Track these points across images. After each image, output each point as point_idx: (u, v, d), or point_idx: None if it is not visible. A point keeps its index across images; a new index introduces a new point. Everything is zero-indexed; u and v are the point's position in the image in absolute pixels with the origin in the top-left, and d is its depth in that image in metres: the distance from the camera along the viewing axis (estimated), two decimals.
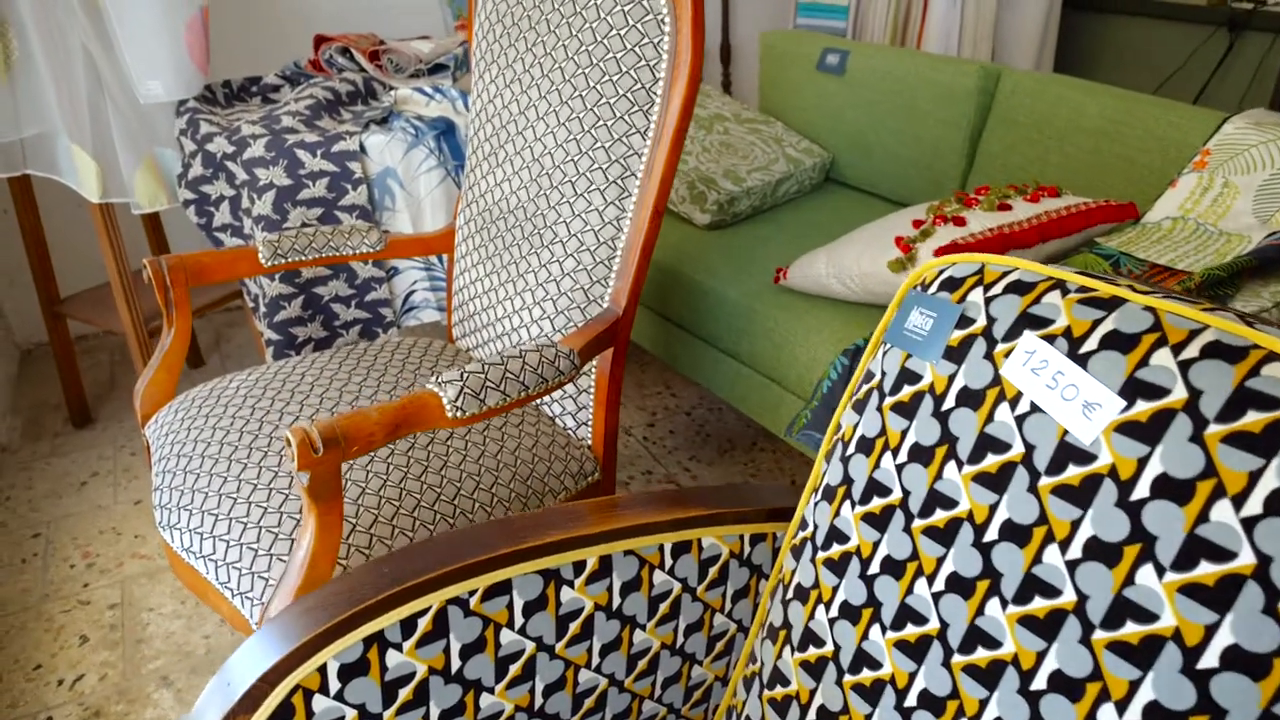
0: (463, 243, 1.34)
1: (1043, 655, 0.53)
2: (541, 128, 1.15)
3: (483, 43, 1.26)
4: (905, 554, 0.61)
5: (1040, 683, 0.53)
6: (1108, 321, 0.53)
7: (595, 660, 0.71)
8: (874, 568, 0.63)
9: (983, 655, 0.56)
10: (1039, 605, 0.53)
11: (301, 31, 2.25)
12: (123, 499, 1.72)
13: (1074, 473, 0.53)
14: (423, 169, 1.52)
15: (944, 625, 0.58)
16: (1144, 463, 0.50)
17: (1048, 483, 0.54)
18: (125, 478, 1.78)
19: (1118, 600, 0.50)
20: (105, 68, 1.47)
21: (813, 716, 0.67)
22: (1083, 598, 0.51)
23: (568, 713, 0.72)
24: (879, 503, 0.64)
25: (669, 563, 0.73)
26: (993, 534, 0.56)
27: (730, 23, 2.91)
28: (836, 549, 0.67)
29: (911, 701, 0.60)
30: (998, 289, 0.60)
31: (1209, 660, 0.46)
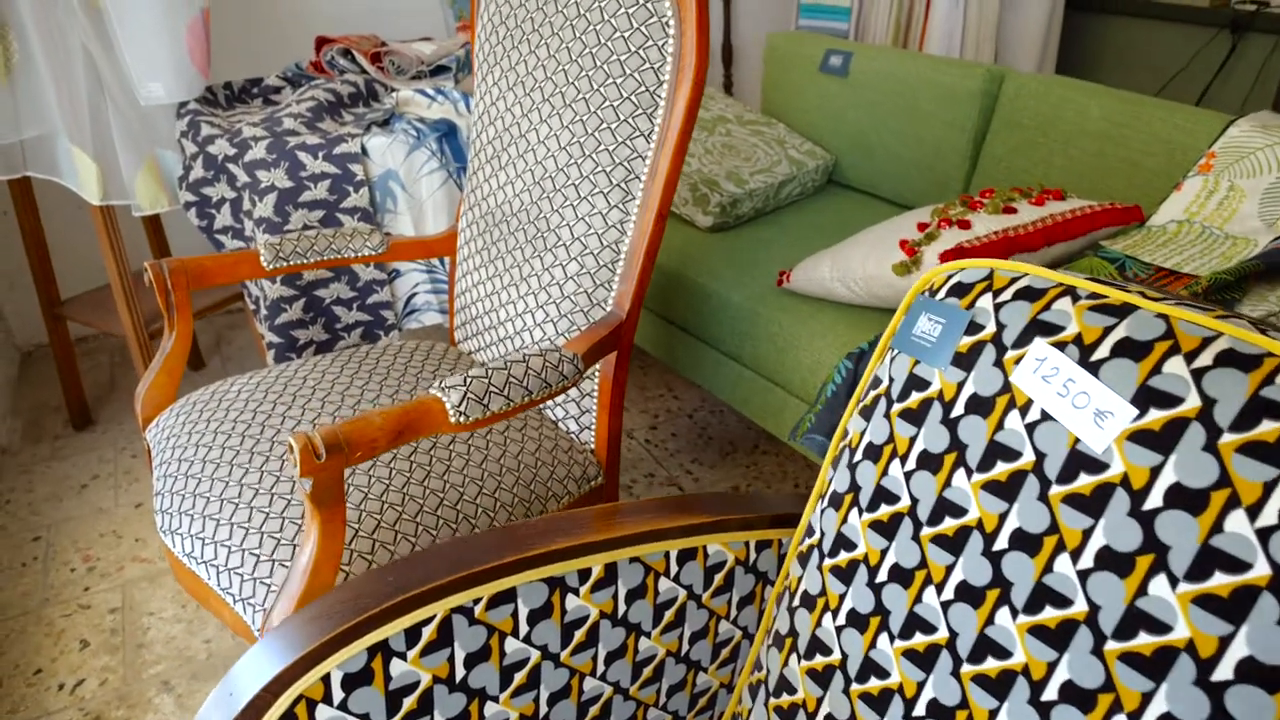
0: (465, 245, 1.33)
1: (1054, 665, 0.52)
2: (545, 130, 1.15)
3: (485, 45, 1.26)
4: (914, 562, 0.61)
5: (1051, 693, 0.52)
6: (1119, 329, 0.53)
7: (600, 668, 0.71)
8: (882, 576, 0.63)
9: (993, 665, 0.55)
10: (1050, 615, 0.53)
11: (302, 33, 2.25)
12: (123, 502, 1.71)
13: (1085, 481, 0.52)
14: (424, 171, 1.52)
15: (953, 634, 0.58)
16: (1157, 472, 0.49)
17: (1059, 491, 0.53)
18: (126, 480, 1.77)
19: (1130, 611, 0.49)
20: (106, 69, 1.47)
21: None
22: (1094, 608, 0.51)
23: None
24: (887, 510, 0.63)
25: (674, 569, 0.72)
26: (1003, 543, 0.56)
27: (732, 24, 2.90)
28: (844, 556, 0.66)
29: (920, 711, 0.59)
30: (1007, 295, 0.59)
31: (1223, 673, 0.46)
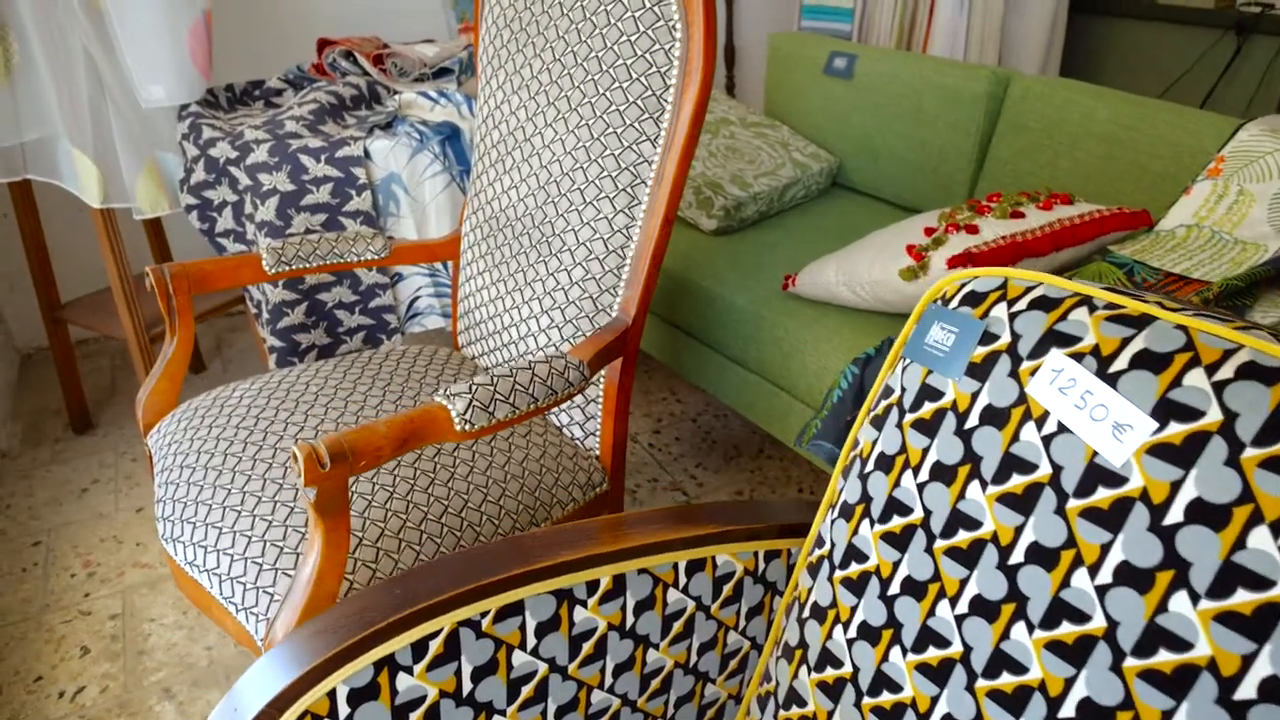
0: (468, 250, 1.32)
1: (1071, 682, 0.52)
2: (550, 134, 1.14)
3: (490, 48, 1.25)
4: (927, 575, 0.60)
5: (1069, 710, 0.51)
6: (1138, 340, 0.52)
7: (608, 680, 0.70)
8: (894, 588, 0.62)
9: (1008, 680, 0.55)
10: (1067, 630, 0.52)
11: (304, 35, 2.24)
12: (124, 506, 1.70)
13: (1104, 495, 0.51)
14: (427, 174, 1.51)
15: (968, 649, 0.57)
16: (1177, 486, 0.48)
17: (1076, 505, 0.52)
18: (126, 485, 1.77)
19: (1150, 627, 0.48)
20: (107, 71, 1.46)
21: None
22: (1113, 624, 0.50)
23: None
24: (899, 522, 0.62)
25: (683, 580, 0.71)
26: (1018, 556, 0.55)
27: (735, 25, 2.89)
28: (855, 568, 0.65)
29: None
30: (1022, 304, 0.58)
31: (1246, 691, 0.45)
